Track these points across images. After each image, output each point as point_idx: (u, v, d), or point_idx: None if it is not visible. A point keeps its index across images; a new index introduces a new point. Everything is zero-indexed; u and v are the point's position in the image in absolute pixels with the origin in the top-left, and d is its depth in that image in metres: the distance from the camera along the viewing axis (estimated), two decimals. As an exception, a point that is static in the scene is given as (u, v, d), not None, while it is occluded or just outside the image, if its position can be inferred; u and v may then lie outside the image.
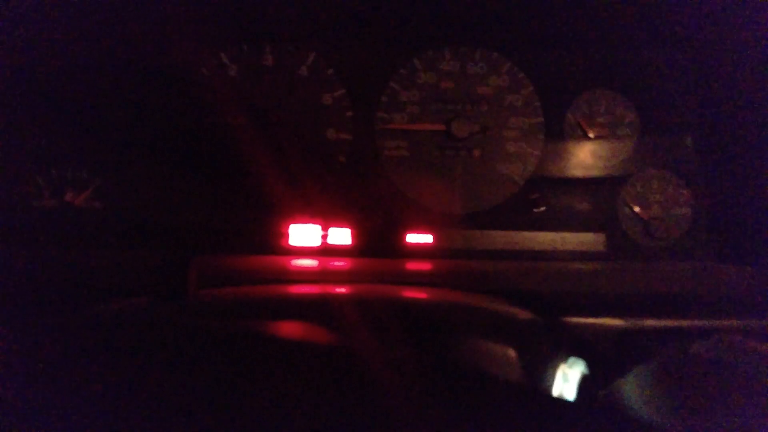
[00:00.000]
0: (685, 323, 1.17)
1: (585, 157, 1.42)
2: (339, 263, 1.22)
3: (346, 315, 0.91)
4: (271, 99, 1.37)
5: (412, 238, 1.35)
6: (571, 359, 0.96)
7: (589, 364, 0.96)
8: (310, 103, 1.38)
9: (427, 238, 1.35)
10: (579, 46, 1.41)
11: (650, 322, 1.16)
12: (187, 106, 1.36)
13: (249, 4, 1.29)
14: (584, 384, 0.94)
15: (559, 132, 1.41)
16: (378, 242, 1.34)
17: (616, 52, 1.41)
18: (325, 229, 1.34)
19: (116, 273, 1.12)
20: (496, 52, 1.40)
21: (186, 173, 1.37)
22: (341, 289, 1.03)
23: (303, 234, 1.33)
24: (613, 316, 1.15)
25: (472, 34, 1.39)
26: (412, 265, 1.23)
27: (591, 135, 1.41)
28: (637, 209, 1.41)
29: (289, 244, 1.32)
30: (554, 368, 0.93)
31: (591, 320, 1.15)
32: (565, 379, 0.94)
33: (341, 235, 1.35)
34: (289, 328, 0.94)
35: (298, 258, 1.28)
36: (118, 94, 1.35)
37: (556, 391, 0.91)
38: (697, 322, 1.17)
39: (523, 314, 1.00)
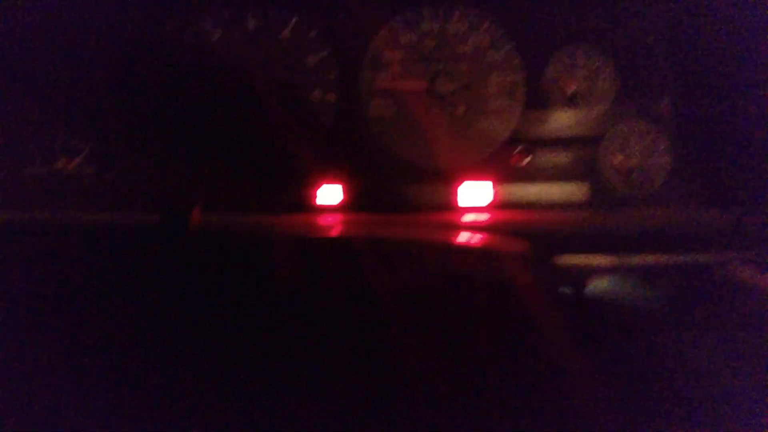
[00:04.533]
0: (665, 259, 1.22)
1: (566, 111, 1.45)
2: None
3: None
4: (255, 63, 1.39)
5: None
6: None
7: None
8: (294, 66, 1.40)
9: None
10: (557, 2, 1.44)
11: (635, 259, 1.21)
12: (172, 71, 1.38)
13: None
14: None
15: (539, 87, 1.44)
16: (368, 199, 1.37)
17: (594, 6, 1.44)
18: (314, 188, 1.37)
19: (111, 236, 1.14)
20: (476, 10, 1.43)
21: (172, 139, 1.38)
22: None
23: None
24: (599, 253, 1.20)
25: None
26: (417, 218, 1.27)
27: (570, 89, 1.44)
28: (617, 159, 1.45)
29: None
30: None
31: (577, 259, 1.20)
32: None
33: (332, 194, 1.37)
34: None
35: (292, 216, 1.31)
36: (107, 60, 1.36)
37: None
38: (677, 258, 1.22)
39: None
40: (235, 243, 1.01)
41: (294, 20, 1.40)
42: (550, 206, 1.42)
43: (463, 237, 1.20)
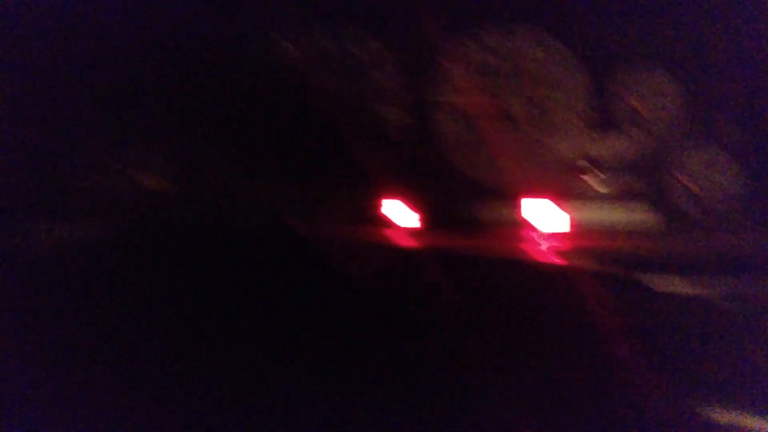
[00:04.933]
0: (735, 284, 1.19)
1: (635, 132, 1.43)
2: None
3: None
4: (325, 80, 1.42)
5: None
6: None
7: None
8: (364, 83, 1.42)
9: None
10: (626, 21, 1.43)
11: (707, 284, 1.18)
12: (247, 89, 1.41)
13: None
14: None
15: (608, 108, 1.43)
16: (437, 216, 1.37)
17: (666, 29, 1.43)
18: (380, 204, 1.38)
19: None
20: (546, 29, 1.43)
21: (245, 155, 1.41)
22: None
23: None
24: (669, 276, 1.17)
25: (520, 11, 1.42)
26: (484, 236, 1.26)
27: (639, 110, 1.43)
28: (688, 183, 1.42)
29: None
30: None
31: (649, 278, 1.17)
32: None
33: (399, 209, 1.38)
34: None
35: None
36: (186, 78, 1.40)
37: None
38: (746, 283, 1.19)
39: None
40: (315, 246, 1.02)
41: (365, 38, 1.42)
42: (617, 228, 1.40)
43: (533, 256, 1.19)
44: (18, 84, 1.30)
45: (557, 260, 1.14)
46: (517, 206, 1.38)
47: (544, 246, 1.28)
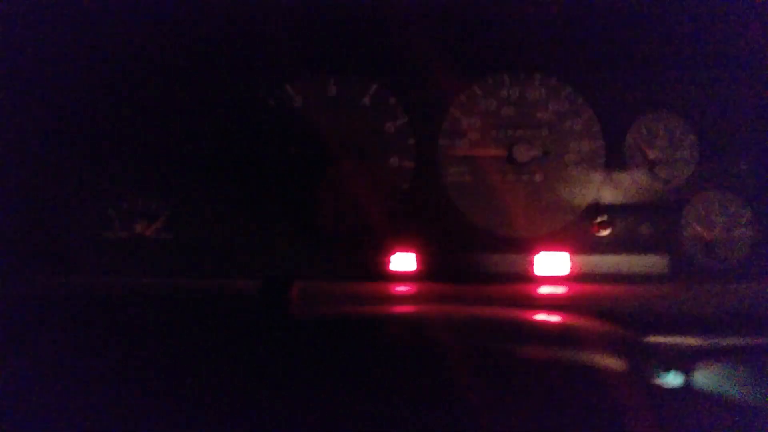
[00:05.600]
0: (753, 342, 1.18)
1: (646, 179, 1.42)
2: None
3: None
4: (335, 129, 1.41)
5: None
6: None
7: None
8: (373, 132, 1.41)
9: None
10: (637, 69, 1.41)
11: (724, 341, 1.17)
12: (254, 137, 1.41)
13: (313, 37, 1.33)
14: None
15: (619, 155, 1.42)
16: (443, 267, 1.37)
17: (674, 74, 1.42)
18: (389, 254, 1.37)
19: (197, 302, 1.16)
20: (554, 77, 1.42)
21: (251, 204, 1.41)
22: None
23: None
24: (683, 335, 1.16)
25: (531, 59, 1.41)
26: (494, 290, 1.26)
27: (651, 157, 1.42)
28: (699, 230, 1.41)
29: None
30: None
31: (662, 339, 1.16)
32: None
33: (406, 261, 1.37)
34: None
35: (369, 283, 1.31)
36: (187, 125, 1.40)
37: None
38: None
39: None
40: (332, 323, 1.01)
41: (374, 87, 1.41)
42: (629, 279, 1.39)
43: (542, 315, 1.18)
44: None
45: (567, 321, 1.13)
46: (528, 258, 1.38)
47: (552, 300, 1.28)
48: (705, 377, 1.08)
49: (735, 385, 1.07)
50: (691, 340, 1.17)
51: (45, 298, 1.21)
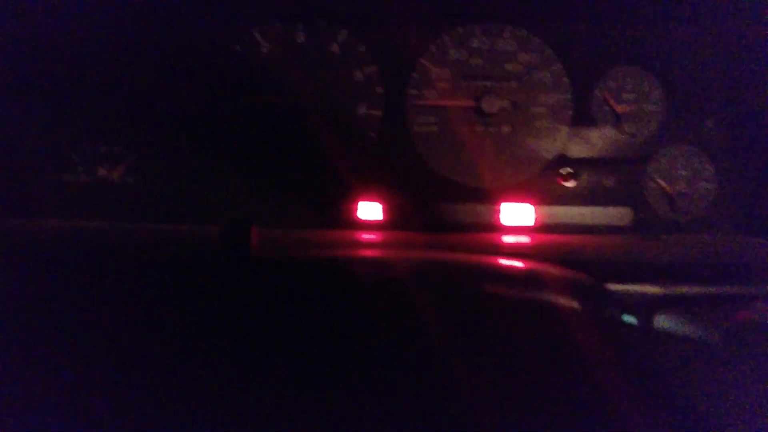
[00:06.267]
0: (714, 291, 1.20)
1: (612, 133, 1.44)
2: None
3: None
4: (303, 76, 1.39)
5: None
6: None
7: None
8: (341, 80, 1.40)
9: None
10: (607, 23, 1.42)
11: (683, 290, 1.19)
12: (220, 82, 1.39)
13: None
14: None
15: (586, 108, 1.43)
16: (410, 216, 1.37)
17: (643, 29, 1.43)
18: (355, 203, 1.37)
19: (158, 246, 1.15)
20: (525, 29, 1.42)
21: (217, 150, 1.39)
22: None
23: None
24: (646, 283, 1.18)
25: (502, 11, 1.41)
26: (460, 238, 1.26)
27: (618, 111, 1.43)
28: (663, 184, 1.43)
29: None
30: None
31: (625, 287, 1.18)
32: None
33: (373, 210, 1.37)
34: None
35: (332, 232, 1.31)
36: (152, 69, 1.37)
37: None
38: (725, 290, 1.20)
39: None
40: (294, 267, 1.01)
41: (343, 35, 1.40)
42: (593, 230, 1.41)
43: (507, 260, 1.19)
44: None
45: (532, 267, 1.14)
46: (494, 208, 1.39)
47: (516, 250, 1.29)
48: (664, 321, 1.10)
49: (692, 329, 1.09)
50: (651, 288, 1.20)
51: (4, 240, 1.19)
